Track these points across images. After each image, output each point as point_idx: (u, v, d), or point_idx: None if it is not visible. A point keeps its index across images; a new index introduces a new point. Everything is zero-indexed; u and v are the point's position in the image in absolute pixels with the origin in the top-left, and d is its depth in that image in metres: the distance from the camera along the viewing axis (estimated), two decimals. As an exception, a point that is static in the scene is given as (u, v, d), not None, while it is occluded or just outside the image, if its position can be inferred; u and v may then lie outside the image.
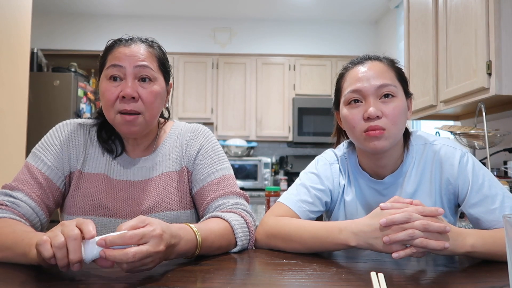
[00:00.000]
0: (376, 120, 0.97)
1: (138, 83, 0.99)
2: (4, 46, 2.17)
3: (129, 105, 0.97)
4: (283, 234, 0.96)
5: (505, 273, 0.61)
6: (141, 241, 0.67)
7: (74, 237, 0.65)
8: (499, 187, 0.97)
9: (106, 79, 0.99)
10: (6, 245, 0.80)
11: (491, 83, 1.79)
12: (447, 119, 2.72)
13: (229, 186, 1.06)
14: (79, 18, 4.38)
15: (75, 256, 0.65)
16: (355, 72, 1.02)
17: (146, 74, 0.99)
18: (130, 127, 0.99)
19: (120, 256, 0.65)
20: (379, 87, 0.98)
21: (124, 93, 0.96)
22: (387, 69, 1.01)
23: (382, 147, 0.97)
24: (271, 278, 0.74)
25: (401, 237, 0.79)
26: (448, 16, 2.18)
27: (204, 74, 4.35)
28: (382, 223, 0.80)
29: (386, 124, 0.97)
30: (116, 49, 1.01)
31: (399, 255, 0.79)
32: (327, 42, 4.50)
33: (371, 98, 0.98)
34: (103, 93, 0.99)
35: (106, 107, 0.99)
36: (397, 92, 0.99)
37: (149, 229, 0.69)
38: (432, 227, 0.79)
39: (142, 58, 1.00)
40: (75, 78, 3.41)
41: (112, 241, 0.66)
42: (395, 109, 0.97)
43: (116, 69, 0.98)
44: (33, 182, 0.98)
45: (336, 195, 1.11)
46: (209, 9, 4.28)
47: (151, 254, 0.67)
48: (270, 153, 4.64)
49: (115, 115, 0.98)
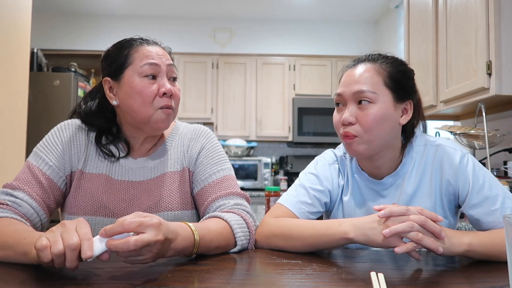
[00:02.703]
0: (349, 126, 0.99)
1: (169, 81, 1.03)
2: (4, 46, 2.17)
3: (169, 101, 1.02)
4: (284, 233, 0.96)
5: (505, 273, 0.61)
6: (139, 228, 0.68)
7: (73, 247, 0.66)
8: (499, 188, 0.96)
9: (140, 77, 1.00)
10: (7, 244, 0.80)
11: (491, 83, 1.79)
12: (447, 119, 2.72)
13: (230, 187, 1.06)
14: (79, 18, 4.38)
15: (71, 265, 0.67)
16: (346, 74, 1.04)
17: (174, 72, 1.05)
18: (167, 122, 1.03)
19: (121, 245, 0.66)
20: (356, 92, 0.98)
21: (166, 90, 1.00)
22: (374, 73, 0.99)
23: (354, 151, 1.00)
24: (271, 278, 0.74)
25: (401, 228, 0.80)
26: (448, 16, 2.18)
27: (204, 74, 4.35)
28: (380, 214, 0.83)
29: (358, 131, 0.98)
30: (142, 48, 1.02)
31: (401, 249, 0.80)
32: (327, 42, 4.50)
33: (350, 103, 1.00)
34: (140, 90, 0.99)
35: (144, 104, 0.99)
36: (377, 98, 0.97)
37: (146, 219, 0.70)
38: (429, 224, 0.81)
39: (168, 57, 1.05)
40: (75, 78, 3.41)
41: (112, 229, 0.67)
42: (368, 116, 0.97)
43: (152, 67, 1.00)
44: (34, 181, 0.98)
45: (335, 195, 1.11)
46: (209, 9, 4.28)
47: (150, 243, 0.68)
48: (270, 153, 4.64)
49: (154, 111, 1.00)
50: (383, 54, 1.05)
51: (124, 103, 1.02)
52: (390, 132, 1.01)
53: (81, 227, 0.69)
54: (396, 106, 1.00)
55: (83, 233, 0.68)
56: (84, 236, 0.67)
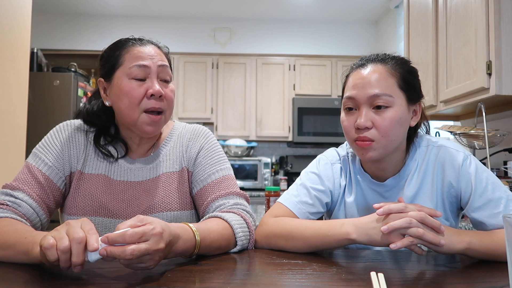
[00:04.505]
0: (365, 131, 0.95)
1: (160, 82, 1.02)
2: (4, 46, 2.17)
3: (157, 103, 0.99)
4: (284, 233, 0.96)
5: (505, 273, 0.61)
6: (141, 239, 0.68)
7: (78, 240, 0.66)
8: (502, 190, 0.95)
9: (128, 78, 0.99)
10: (8, 243, 0.80)
11: (491, 83, 1.79)
12: (447, 119, 2.72)
13: (229, 187, 1.06)
14: (79, 18, 4.38)
15: (77, 259, 0.66)
16: (355, 76, 0.99)
17: (167, 73, 1.03)
18: (154, 127, 1.01)
19: (119, 253, 0.66)
20: (372, 96, 0.95)
21: (153, 91, 0.98)
22: (387, 75, 0.96)
23: (370, 157, 0.97)
24: (271, 278, 0.74)
25: (399, 224, 0.80)
26: (448, 16, 2.18)
27: (204, 74, 4.35)
28: (379, 212, 0.84)
29: (375, 136, 0.95)
30: (134, 48, 1.01)
31: (397, 245, 0.80)
32: (327, 42, 4.50)
33: (364, 107, 0.96)
34: (127, 92, 0.98)
35: (130, 106, 0.99)
36: (393, 101, 0.95)
37: (149, 228, 0.69)
38: (428, 220, 0.82)
39: (161, 58, 1.03)
40: (75, 78, 3.41)
41: (114, 239, 0.67)
42: (386, 120, 0.94)
43: (141, 69, 0.99)
44: (33, 182, 0.98)
45: (336, 195, 1.10)
46: (209, 9, 4.27)
47: (150, 252, 0.68)
48: (270, 153, 4.64)
49: (140, 114, 0.99)
50: (390, 54, 1.02)
51: (114, 104, 1.03)
52: (404, 136, 1.00)
53: (86, 224, 0.70)
54: (409, 108, 0.99)
55: (88, 228, 0.69)
56: (90, 231, 0.68)
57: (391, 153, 1.00)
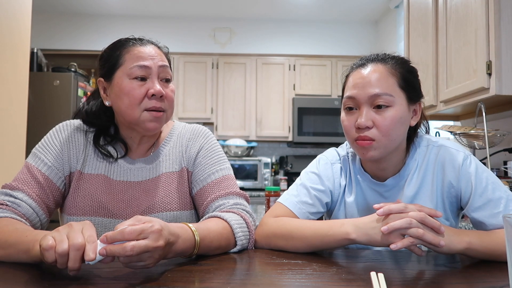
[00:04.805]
0: (366, 130, 0.95)
1: (161, 82, 1.02)
2: (4, 46, 2.17)
3: (158, 103, 1.00)
4: (285, 233, 0.96)
5: (505, 273, 0.61)
6: (140, 236, 0.68)
7: (77, 247, 0.67)
8: (503, 190, 0.95)
9: (129, 78, 0.99)
10: (9, 242, 0.80)
11: (491, 83, 1.79)
12: (447, 119, 2.72)
13: (229, 187, 1.06)
14: (79, 18, 4.38)
15: (74, 265, 0.67)
16: (355, 76, 0.99)
17: (167, 73, 1.04)
18: (157, 124, 1.01)
19: (118, 250, 0.67)
20: (372, 96, 0.95)
21: (155, 91, 0.99)
22: (388, 74, 0.97)
23: (370, 157, 0.97)
24: (271, 278, 0.74)
25: (399, 225, 0.80)
26: (448, 16, 2.18)
27: (204, 74, 4.35)
28: (379, 213, 0.84)
29: (376, 135, 0.95)
30: (134, 49, 1.01)
31: (397, 246, 0.80)
32: (327, 42, 4.50)
33: (364, 106, 0.96)
34: (128, 92, 0.99)
35: (131, 105, 0.99)
36: (394, 101, 0.95)
37: (148, 225, 0.70)
38: (428, 220, 0.81)
39: (161, 58, 1.04)
40: (75, 78, 3.41)
41: (113, 237, 0.67)
42: (387, 120, 0.94)
43: (142, 69, 1.00)
44: (33, 182, 0.98)
45: (336, 195, 1.10)
46: (209, 9, 4.27)
47: (149, 249, 0.68)
48: (270, 153, 4.64)
49: (141, 112, 0.99)
50: (390, 54, 1.03)
51: (114, 104, 1.03)
52: (404, 135, 1.00)
53: (87, 229, 0.70)
54: (409, 108, 0.99)
55: (88, 235, 0.69)
56: (89, 238, 0.68)
57: (391, 152, 1.00)
